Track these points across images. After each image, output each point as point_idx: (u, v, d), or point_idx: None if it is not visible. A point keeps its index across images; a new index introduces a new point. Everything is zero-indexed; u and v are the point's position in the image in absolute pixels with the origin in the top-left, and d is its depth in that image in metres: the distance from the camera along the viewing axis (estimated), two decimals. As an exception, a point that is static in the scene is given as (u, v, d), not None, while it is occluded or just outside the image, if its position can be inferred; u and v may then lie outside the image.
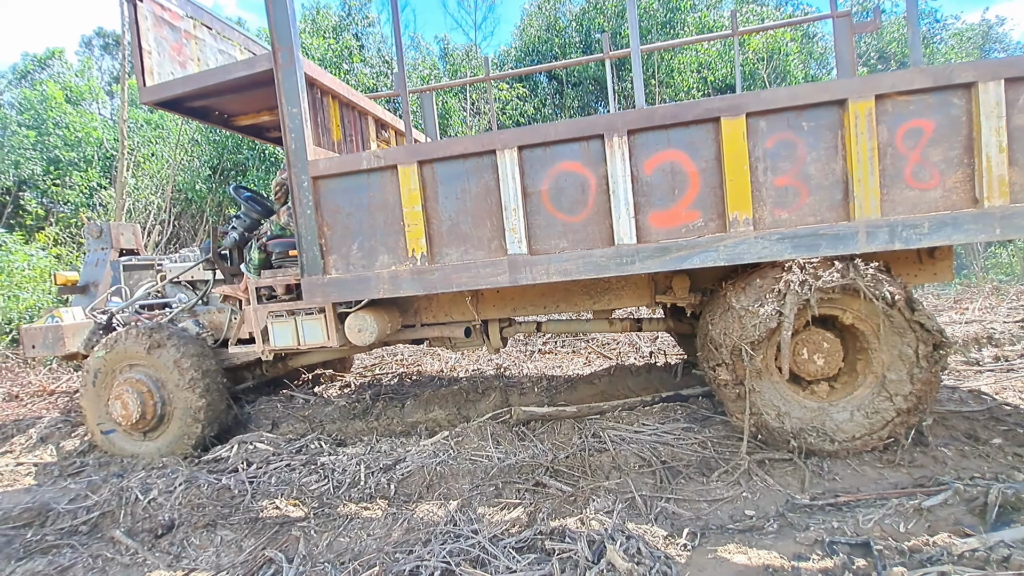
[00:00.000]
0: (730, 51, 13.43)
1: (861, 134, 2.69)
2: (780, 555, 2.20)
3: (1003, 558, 1.94)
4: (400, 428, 4.12)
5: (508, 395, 4.42)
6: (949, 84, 2.61)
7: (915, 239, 2.72)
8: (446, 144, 3.08)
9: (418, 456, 3.30)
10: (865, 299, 2.75)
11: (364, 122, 4.30)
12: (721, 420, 3.48)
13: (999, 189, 2.61)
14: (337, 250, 3.31)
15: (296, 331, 3.76)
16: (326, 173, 3.23)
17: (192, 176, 11.69)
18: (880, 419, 2.86)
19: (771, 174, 2.82)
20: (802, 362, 3.01)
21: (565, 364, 5.91)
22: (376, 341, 3.74)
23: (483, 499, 2.84)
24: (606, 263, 2.96)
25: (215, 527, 2.86)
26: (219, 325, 4.44)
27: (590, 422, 3.64)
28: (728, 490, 2.76)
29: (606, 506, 2.61)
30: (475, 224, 3.12)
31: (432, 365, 6.31)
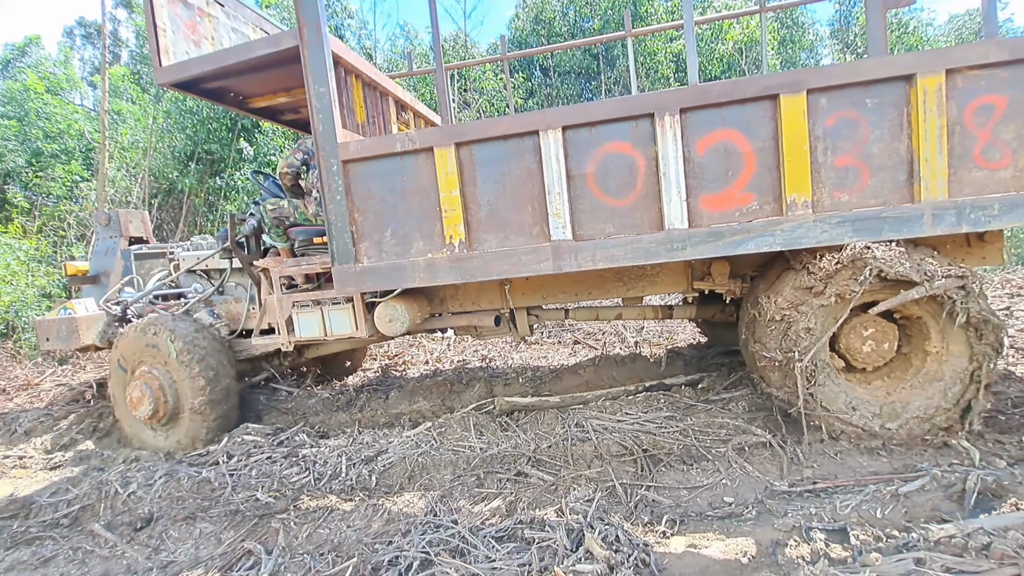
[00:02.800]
0: (707, 44, 13.14)
1: (930, 111, 2.55)
2: (758, 541, 2.20)
3: (983, 545, 1.91)
4: (384, 419, 4.09)
5: (492, 386, 4.40)
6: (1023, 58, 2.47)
7: (984, 221, 2.59)
8: (485, 125, 2.93)
9: (400, 447, 3.29)
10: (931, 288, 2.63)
11: (385, 103, 4.12)
12: (704, 409, 3.47)
13: (1075, 168, 2.49)
14: (369, 237, 3.16)
15: (323, 321, 3.63)
16: (357, 156, 3.07)
17: (169, 165, 11.43)
18: (944, 405, 2.76)
19: (831, 154, 2.68)
20: (857, 351, 2.90)
21: (551, 355, 5.88)
22: (406, 331, 3.62)
23: (464, 489, 2.84)
24: (656, 249, 2.83)
25: (194, 520, 2.86)
26: (236, 315, 4.30)
27: (574, 412, 3.63)
28: (708, 477, 2.77)
29: (587, 495, 2.62)
30: (516, 209, 2.98)
31: (418, 356, 6.24)
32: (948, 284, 2.58)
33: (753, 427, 3.14)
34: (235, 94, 4.07)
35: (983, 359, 2.66)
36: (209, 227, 11.52)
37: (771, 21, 13.75)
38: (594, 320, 4.97)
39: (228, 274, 4.30)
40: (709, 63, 13.24)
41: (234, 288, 4.37)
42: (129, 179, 11.46)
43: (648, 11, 13.57)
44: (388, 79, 4.13)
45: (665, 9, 13.58)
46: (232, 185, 11.24)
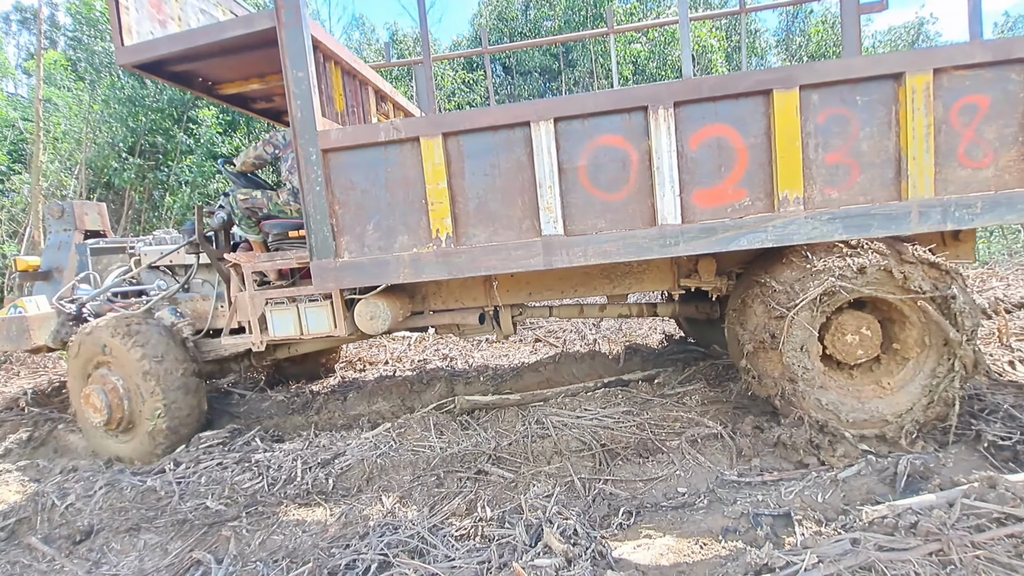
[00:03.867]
0: (661, 48, 13.37)
1: (917, 110, 2.57)
2: (709, 529, 2.30)
3: (911, 524, 2.04)
4: (342, 421, 4.02)
5: (453, 385, 4.39)
6: (1008, 58, 2.52)
7: (968, 219, 2.64)
8: (474, 115, 2.82)
9: (358, 449, 3.24)
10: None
11: (365, 92, 3.96)
12: (659, 403, 3.55)
13: (1054, 168, 2.55)
14: (350, 231, 3.01)
15: (299, 320, 3.46)
16: (338, 145, 2.92)
17: (109, 158, 10.76)
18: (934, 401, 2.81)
19: (822, 151, 2.69)
20: (844, 346, 2.92)
21: (512, 353, 5.88)
22: (388, 329, 3.48)
23: (424, 490, 2.83)
24: (649, 244, 2.78)
25: (138, 531, 2.78)
26: (203, 314, 4.07)
27: (534, 409, 3.66)
28: (662, 469, 2.86)
29: (546, 491, 2.66)
30: (505, 202, 2.88)
31: (378, 356, 6.15)
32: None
33: (705, 419, 3.24)
34: (204, 79, 3.85)
35: (962, 351, 2.71)
36: (154, 224, 10.92)
37: (722, 30, 14.04)
38: (579, 318, 4.93)
39: (195, 270, 4.07)
40: (663, 69, 13.45)
41: (201, 285, 4.14)
42: (64, 172, 10.73)
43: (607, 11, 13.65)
44: (368, 68, 3.97)
45: (624, 11, 13.72)
46: (177, 179, 10.60)
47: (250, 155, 3.73)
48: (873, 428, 2.84)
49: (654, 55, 13.46)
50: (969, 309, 2.72)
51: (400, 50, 15.94)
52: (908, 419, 2.81)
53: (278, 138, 3.65)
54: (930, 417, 2.82)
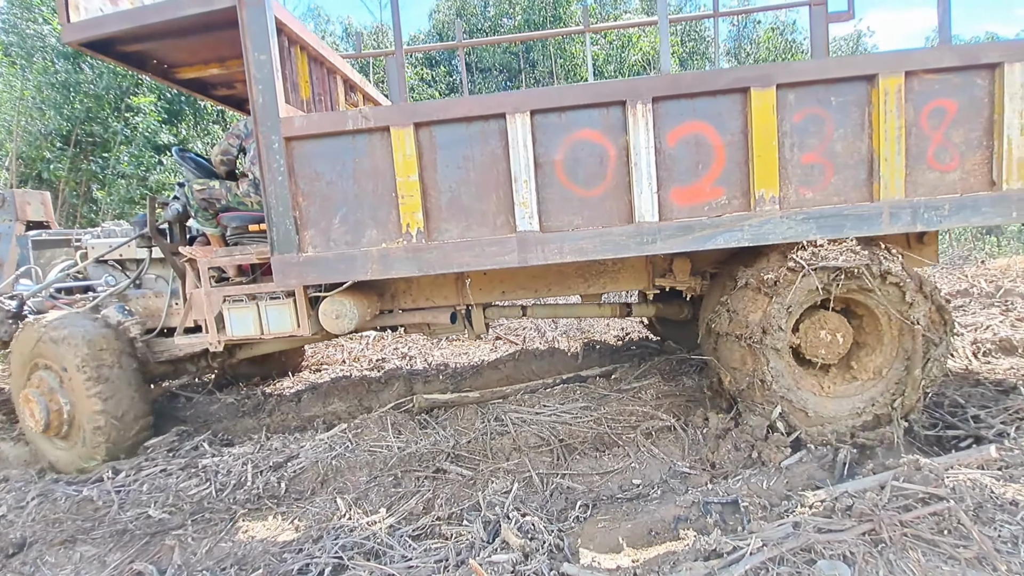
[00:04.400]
0: (618, 52, 13.57)
1: (889, 111, 2.60)
2: (662, 518, 2.37)
3: (847, 507, 2.16)
4: (296, 423, 3.91)
5: (412, 384, 4.35)
6: (975, 64, 2.56)
7: (936, 221, 2.68)
8: (447, 105, 2.71)
9: (313, 451, 3.18)
10: (887, 283, 2.69)
11: (333, 81, 3.80)
12: (616, 398, 3.59)
13: (1018, 172, 2.62)
14: (315, 224, 2.86)
15: (259, 318, 3.26)
16: (302, 133, 2.76)
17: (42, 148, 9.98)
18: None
19: (798, 151, 2.68)
20: (815, 344, 2.93)
21: (472, 351, 5.85)
22: (355, 328, 3.32)
23: (381, 490, 2.79)
24: (626, 242, 2.72)
25: (75, 543, 2.65)
26: (155, 311, 3.83)
27: (493, 406, 3.67)
28: (618, 462, 2.92)
29: (504, 487, 2.66)
30: (479, 197, 2.78)
31: (334, 355, 6.01)
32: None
33: (660, 413, 3.32)
34: (159, 61, 3.62)
35: (932, 350, 2.75)
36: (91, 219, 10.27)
37: (677, 35, 14.33)
38: (552, 318, 4.87)
39: (147, 265, 3.82)
40: (618, 72, 13.62)
41: (154, 281, 3.89)
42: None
43: (566, 12, 13.75)
44: (337, 56, 3.81)
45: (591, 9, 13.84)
46: (114, 171, 9.92)
47: (219, 149, 3.51)
48: (840, 425, 2.86)
49: (612, 58, 13.61)
50: (939, 313, 2.76)
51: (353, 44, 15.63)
52: (874, 416, 2.84)
53: (240, 128, 3.45)
54: (898, 413, 2.85)
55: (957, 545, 1.96)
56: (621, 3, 16.18)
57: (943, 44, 2.62)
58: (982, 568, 1.88)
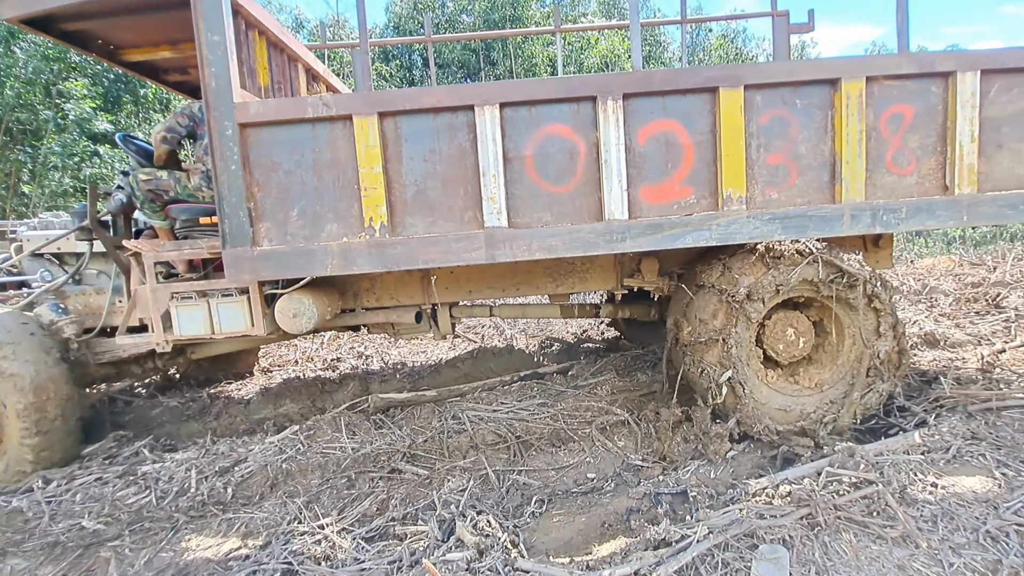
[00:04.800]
0: (576, 54, 13.82)
1: (851, 115, 2.65)
2: (615, 510, 2.43)
3: (786, 493, 2.31)
4: (244, 426, 3.77)
5: (368, 383, 4.31)
6: (931, 72, 2.65)
7: (894, 223, 2.75)
8: (414, 94, 2.61)
9: (262, 455, 3.09)
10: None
11: (294, 69, 3.64)
12: (572, 394, 3.63)
13: (968, 178, 2.71)
14: (271, 217, 2.71)
15: (210, 317, 3.08)
16: (258, 120, 2.61)
17: None
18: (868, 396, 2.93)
19: (764, 152, 2.71)
20: (779, 344, 2.97)
21: (430, 350, 5.82)
22: (314, 328, 3.17)
23: (334, 492, 2.75)
24: (595, 240, 2.69)
25: (4, 556, 2.52)
26: (96, 309, 3.56)
27: (451, 404, 3.67)
28: (574, 457, 2.98)
29: (460, 485, 2.67)
30: (446, 191, 2.69)
31: (287, 355, 5.85)
32: None
33: (614, 408, 3.39)
34: (104, 41, 3.38)
35: (893, 347, 2.83)
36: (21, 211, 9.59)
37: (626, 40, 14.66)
38: (520, 318, 4.81)
39: (87, 259, 3.55)
40: (578, 73, 13.78)
41: (95, 276, 3.62)
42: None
43: (525, 13, 13.86)
44: (299, 44, 3.65)
45: (542, 14, 13.96)
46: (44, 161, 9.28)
47: (160, 131, 3.27)
48: (804, 422, 2.90)
49: (571, 59, 13.75)
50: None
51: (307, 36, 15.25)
52: (835, 412, 2.90)
53: (194, 109, 3.25)
54: (861, 410, 2.91)
55: (885, 525, 2.11)
56: (579, 5, 16.37)
57: (902, 52, 2.69)
58: (906, 546, 2.03)
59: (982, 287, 6.21)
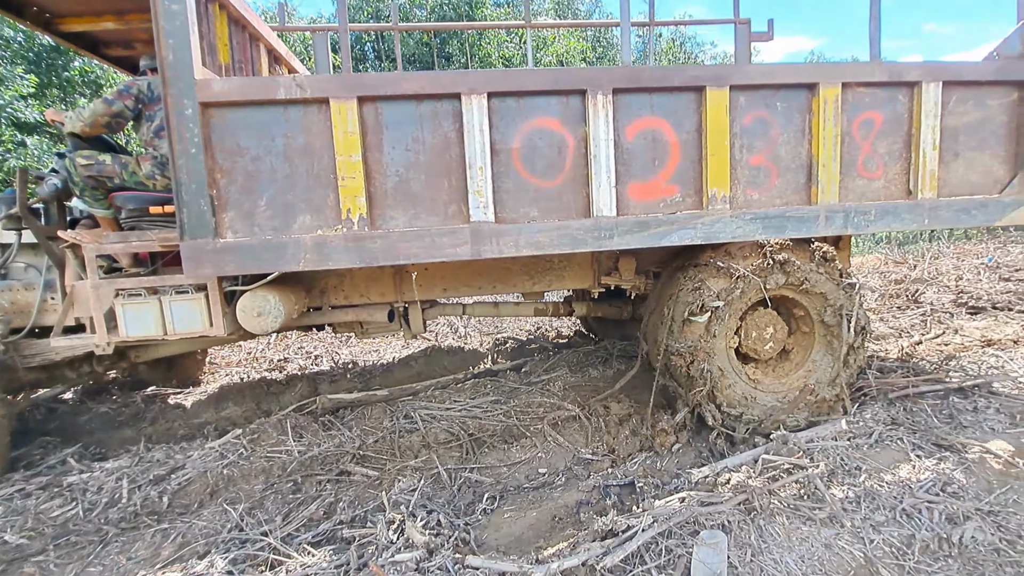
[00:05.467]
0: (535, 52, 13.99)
1: (828, 120, 2.73)
2: (566, 504, 2.48)
3: (726, 481, 2.42)
4: (183, 431, 3.60)
5: (317, 384, 4.23)
6: (900, 81, 2.77)
7: (864, 225, 2.86)
8: (396, 79, 2.47)
9: (201, 461, 2.97)
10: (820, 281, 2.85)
11: (256, 49, 3.38)
12: (526, 391, 3.69)
13: (930, 183, 2.86)
14: (236, 206, 2.48)
15: (162, 316, 2.80)
16: (223, 100, 2.38)
17: None
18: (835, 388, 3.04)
19: (747, 152, 2.75)
20: (755, 341, 3.03)
21: (383, 348, 5.74)
22: (279, 327, 2.95)
23: (278, 498, 2.68)
24: (584, 236, 2.63)
25: None
26: (25, 307, 3.18)
27: (403, 403, 3.63)
28: (525, 453, 3.00)
29: (411, 485, 2.64)
30: (429, 183, 2.56)
31: (230, 356, 5.61)
32: None
33: (566, 403, 3.45)
34: (40, 8, 3.02)
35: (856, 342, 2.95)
36: None
37: (588, 41, 14.93)
38: (492, 316, 4.72)
39: (15, 251, 3.15)
40: None
41: (23, 270, 3.23)
42: None
43: (478, 12, 13.83)
44: (262, 22, 3.40)
45: (496, 14, 13.97)
46: None
47: (98, 109, 2.94)
48: (774, 415, 2.99)
49: (526, 58, 13.82)
50: (861, 313, 2.96)
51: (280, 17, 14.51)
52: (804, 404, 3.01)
53: (141, 88, 2.94)
54: (826, 403, 3.02)
55: (814, 507, 2.24)
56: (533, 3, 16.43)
57: (874, 60, 2.80)
58: (833, 525, 2.16)
59: (904, 284, 6.74)
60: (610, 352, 4.48)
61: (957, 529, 2.08)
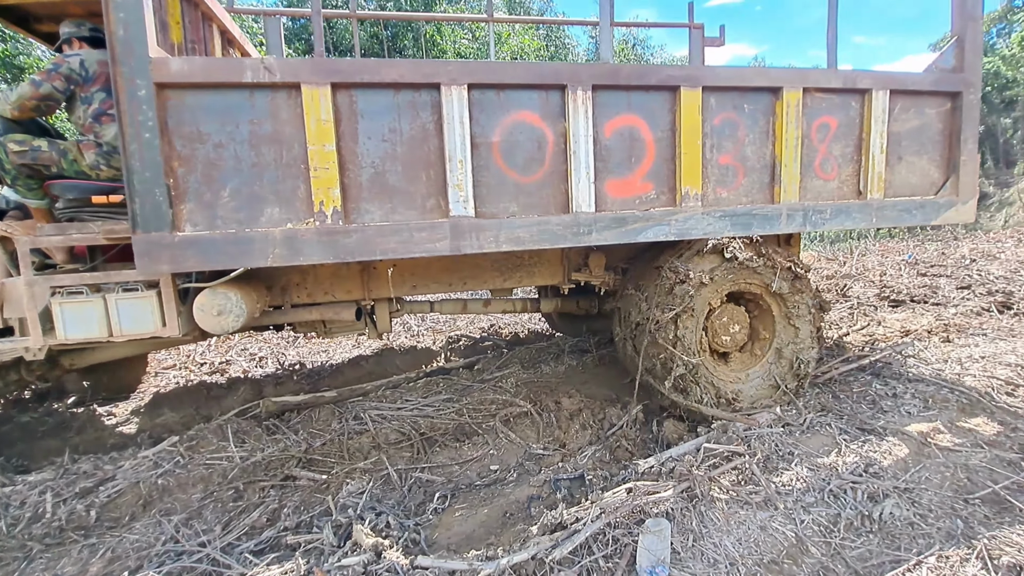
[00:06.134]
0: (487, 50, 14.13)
1: (790, 122, 2.87)
2: (517, 499, 2.49)
3: (670, 470, 2.51)
4: (113, 440, 3.41)
5: (262, 387, 4.12)
6: (853, 88, 2.95)
7: (820, 223, 3.03)
8: (374, 66, 2.36)
9: (133, 471, 2.82)
10: (782, 275, 2.99)
11: (208, 29, 3.15)
12: (478, 388, 3.69)
13: (878, 184, 3.06)
14: (197, 196, 2.30)
15: (107, 315, 2.56)
16: (181, 81, 2.20)
17: None
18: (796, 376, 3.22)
19: (716, 152, 2.84)
20: (720, 328, 3.16)
21: (332, 348, 5.63)
22: (241, 327, 2.77)
23: (218, 506, 2.58)
24: (563, 232, 2.63)
25: None
26: None
27: (352, 405, 3.56)
28: (477, 450, 3.01)
29: (360, 487, 2.60)
30: (407, 176, 2.48)
31: (164, 359, 5.34)
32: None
33: (518, 399, 3.47)
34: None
35: (815, 330, 3.14)
36: None
37: (542, 39, 15.15)
38: (461, 314, 4.65)
39: None
40: None
41: None
42: None
43: (436, 10, 13.72)
44: (216, 1, 3.17)
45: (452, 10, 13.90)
46: None
47: (25, 92, 2.63)
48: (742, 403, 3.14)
49: (481, 53, 13.79)
50: (817, 304, 3.14)
51: None
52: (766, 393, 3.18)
53: (73, 65, 2.66)
54: (788, 390, 3.19)
55: (751, 492, 2.34)
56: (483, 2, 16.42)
57: (830, 67, 2.97)
58: (767, 508, 2.27)
59: (834, 279, 7.25)
60: (562, 348, 4.56)
61: (877, 506, 2.24)
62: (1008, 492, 2.34)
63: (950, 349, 4.15)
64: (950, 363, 3.82)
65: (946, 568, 1.93)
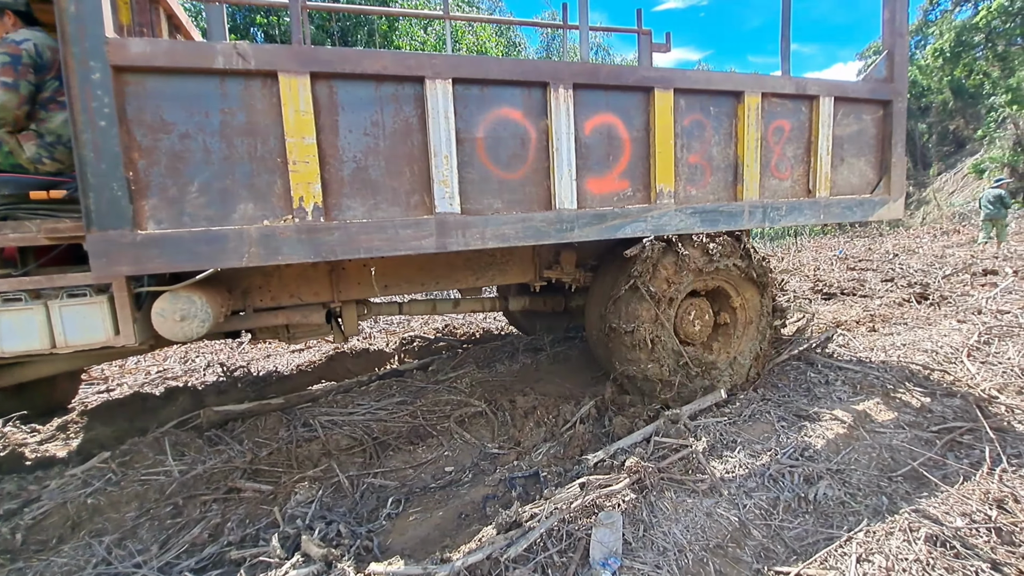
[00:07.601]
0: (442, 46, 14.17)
1: (751, 125, 3.05)
2: (472, 500, 2.49)
3: (621, 463, 2.57)
4: (35, 459, 3.19)
5: (203, 396, 3.94)
6: (804, 94, 3.18)
7: (777, 219, 3.24)
8: (356, 56, 2.27)
9: (60, 491, 2.65)
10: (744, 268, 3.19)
11: (155, 12, 2.91)
12: (433, 390, 3.68)
13: (825, 184, 3.32)
14: (160, 191, 2.11)
15: (50, 324, 2.29)
16: (142, 65, 2.01)
17: None
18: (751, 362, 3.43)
19: (687, 152, 2.97)
20: (688, 319, 3.31)
21: (278, 354, 5.48)
22: (204, 334, 2.57)
23: (155, 524, 2.45)
24: (547, 229, 2.65)
25: None
26: None
27: (301, 411, 3.46)
28: (432, 452, 2.99)
29: (309, 496, 2.54)
30: (390, 171, 2.40)
31: (97, 370, 4.98)
32: None
33: (473, 399, 3.46)
34: None
35: (768, 320, 3.36)
36: None
37: (496, 36, 15.30)
38: (430, 314, 4.56)
39: None
40: None
41: None
42: None
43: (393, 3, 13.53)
44: (161, -20, 2.93)
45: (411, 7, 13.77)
46: None
47: (10, 101, 2.33)
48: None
49: (437, 49, 13.70)
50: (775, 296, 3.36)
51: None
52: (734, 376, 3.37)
53: (30, 51, 2.36)
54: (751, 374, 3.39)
55: (697, 480, 2.43)
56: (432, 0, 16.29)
57: (785, 74, 3.18)
58: (713, 495, 2.36)
59: (773, 274, 7.79)
60: (516, 347, 4.59)
61: (812, 488, 2.36)
62: (925, 468, 2.50)
63: (875, 338, 4.53)
64: (875, 351, 4.16)
65: (873, 542, 2.03)
